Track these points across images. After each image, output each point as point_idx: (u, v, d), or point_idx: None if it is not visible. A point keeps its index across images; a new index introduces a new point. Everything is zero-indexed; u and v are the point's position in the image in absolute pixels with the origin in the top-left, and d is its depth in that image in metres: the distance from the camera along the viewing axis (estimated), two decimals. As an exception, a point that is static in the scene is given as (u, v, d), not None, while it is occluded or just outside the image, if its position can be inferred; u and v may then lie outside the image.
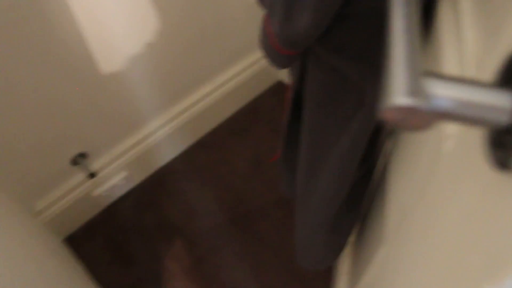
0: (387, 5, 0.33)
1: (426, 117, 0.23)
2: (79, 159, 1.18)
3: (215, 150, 1.47)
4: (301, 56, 0.67)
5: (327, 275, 1.21)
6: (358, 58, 0.57)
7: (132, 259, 1.26)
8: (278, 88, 1.63)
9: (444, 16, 0.45)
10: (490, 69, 0.29)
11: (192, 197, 1.37)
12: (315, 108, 0.70)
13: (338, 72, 0.61)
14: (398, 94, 0.23)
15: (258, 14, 1.27)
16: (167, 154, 1.44)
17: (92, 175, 1.20)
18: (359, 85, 0.60)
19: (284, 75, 1.61)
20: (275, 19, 0.54)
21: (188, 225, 1.32)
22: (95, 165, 1.23)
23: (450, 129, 0.38)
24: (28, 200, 1.15)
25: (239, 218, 1.33)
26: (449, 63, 0.39)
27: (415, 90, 0.23)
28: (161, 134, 1.34)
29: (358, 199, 0.87)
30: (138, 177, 1.40)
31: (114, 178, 1.30)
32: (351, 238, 1.10)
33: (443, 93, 0.23)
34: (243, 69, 1.45)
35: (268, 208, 1.34)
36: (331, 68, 0.61)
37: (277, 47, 0.58)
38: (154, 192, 1.38)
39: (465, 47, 0.36)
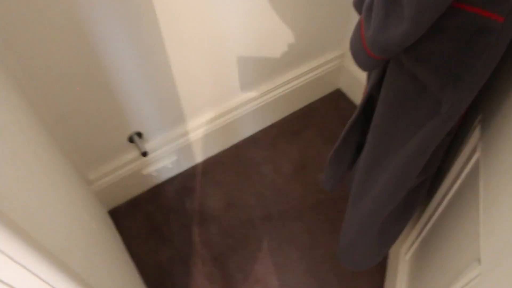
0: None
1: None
2: (135, 137, 1.27)
3: (264, 148, 1.50)
4: (385, 61, 0.69)
5: (352, 284, 1.18)
6: (442, 70, 0.58)
7: (166, 238, 1.32)
8: (335, 96, 1.62)
9: None
10: None
11: (233, 189, 1.40)
12: (387, 112, 0.73)
13: (417, 80, 0.63)
14: None
15: (332, 19, 1.29)
16: (217, 146, 1.49)
17: (144, 154, 1.27)
18: (437, 95, 0.61)
19: (344, 84, 1.61)
20: (371, 25, 0.57)
21: (225, 215, 1.35)
22: (148, 145, 1.31)
23: None
24: (83, 169, 1.25)
25: (275, 216, 1.34)
26: None
27: None
28: (213, 126, 1.40)
29: (410, 208, 0.88)
30: (187, 164, 1.46)
31: (164, 161, 1.38)
32: (402, 248, 1.08)
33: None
34: (305, 72, 1.47)
35: (304, 210, 1.34)
36: (411, 75, 0.63)
37: (368, 51, 0.61)
38: (199, 180, 1.44)
39: None
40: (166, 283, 1.24)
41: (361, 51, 0.63)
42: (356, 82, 1.52)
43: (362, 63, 0.67)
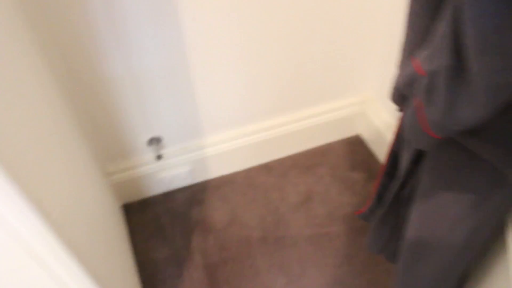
0: None
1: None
2: (154, 141, 1.38)
3: (275, 176, 1.58)
4: None
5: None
6: (501, 142, 0.58)
7: (168, 240, 1.40)
8: (354, 141, 1.69)
9: None
10: None
11: (238, 208, 1.48)
12: (437, 183, 0.73)
13: (468, 152, 0.62)
14: None
15: (353, 65, 1.39)
16: (232, 166, 1.58)
17: (159, 157, 1.39)
18: (493, 165, 0.61)
19: (363, 131, 1.68)
20: (434, 108, 0.56)
21: (225, 230, 1.43)
22: (165, 151, 1.42)
23: None
24: (103, 160, 1.37)
25: (271, 240, 1.40)
26: None
27: None
28: (230, 145, 1.50)
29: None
30: (200, 177, 1.56)
31: (179, 169, 1.48)
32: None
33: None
34: (325, 111, 1.56)
35: (300, 240, 1.39)
36: (460, 146, 0.63)
37: (430, 133, 0.60)
38: (209, 193, 1.53)
39: None
40: (157, 280, 1.31)
41: (420, 134, 0.61)
42: (375, 132, 1.59)
43: (423, 144, 0.65)
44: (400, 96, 0.69)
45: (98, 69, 1.11)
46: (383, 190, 0.97)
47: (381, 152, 1.59)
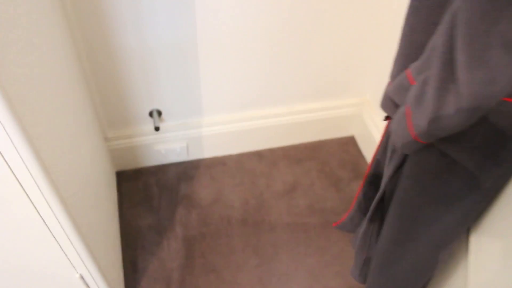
0: None
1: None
2: (154, 113, 1.46)
3: (265, 164, 1.64)
4: None
5: (291, 300, 1.27)
6: (479, 150, 0.62)
7: (153, 209, 1.48)
8: (347, 141, 1.74)
9: None
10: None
11: (225, 188, 1.55)
12: (414, 187, 0.77)
13: (446, 156, 0.66)
14: None
15: (353, 67, 1.44)
16: (226, 149, 1.65)
17: (156, 129, 1.46)
18: (468, 171, 0.65)
19: (357, 133, 1.72)
20: (420, 115, 0.60)
21: (209, 207, 1.50)
22: (164, 125, 1.50)
23: None
24: (104, 125, 1.45)
25: (250, 222, 1.46)
26: None
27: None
28: (228, 128, 1.56)
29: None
30: (194, 155, 1.63)
31: (174, 143, 1.55)
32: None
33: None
34: (321, 108, 1.61)
35: (278, 227, 1.46)
36: (440, 152, 0.67)
37: (414, 136, 0.64)
38: (200, 171, 1.60)
39: None
40: (138, 244, 1.39)
41: (407, 139, 0.66)
42: (368, 135, 1.63)
43: (406, 146, 0.69)
44: (391, 104, 0.73)
45: (112, 38, 1.19)
46: (364, 199, 1.02)
47: (371, 156, 1.64)
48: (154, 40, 1.23)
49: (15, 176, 0.62)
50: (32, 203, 0.68)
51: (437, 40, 0.56)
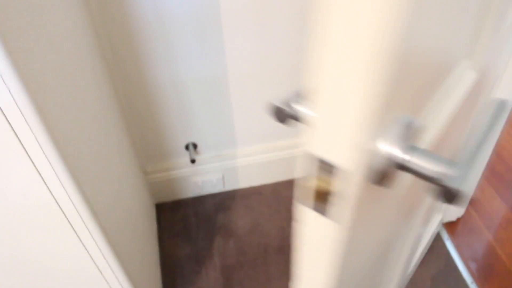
0: None
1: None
2: (190, 146, 1.52)
3: (300, 192, 1.65)
4: None
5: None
6: None
7: (192, 239, 1.51)
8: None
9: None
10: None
11: (261, 217, 1.57)
12: None
13: None
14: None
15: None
16: (262, 178, 1.68)
17: (192, 161, 1.51)
18: None
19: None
20: None
21: (246, 236, 1.51)
22: (200, 157, 1.55)
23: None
24: (142, 159, 1.52)
25: (287, 249, 1.46)
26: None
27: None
28: (263, 158, 1.60)
29: None
30: (230, 185, 1.66)
31: (211, 175, 1.60)
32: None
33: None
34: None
35: (316, 253, 1.45)
36: None
37: None
38: (236, 201, 1.63)
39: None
40: (177, 274, 1.42)
41: None
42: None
43: None
44: None
45: (147, 75, 1.27)
46: None
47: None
48: (186, 74, 1.30)
49: (64, 214, 0.68)
50: (76, 233, 0.73)
51: None
